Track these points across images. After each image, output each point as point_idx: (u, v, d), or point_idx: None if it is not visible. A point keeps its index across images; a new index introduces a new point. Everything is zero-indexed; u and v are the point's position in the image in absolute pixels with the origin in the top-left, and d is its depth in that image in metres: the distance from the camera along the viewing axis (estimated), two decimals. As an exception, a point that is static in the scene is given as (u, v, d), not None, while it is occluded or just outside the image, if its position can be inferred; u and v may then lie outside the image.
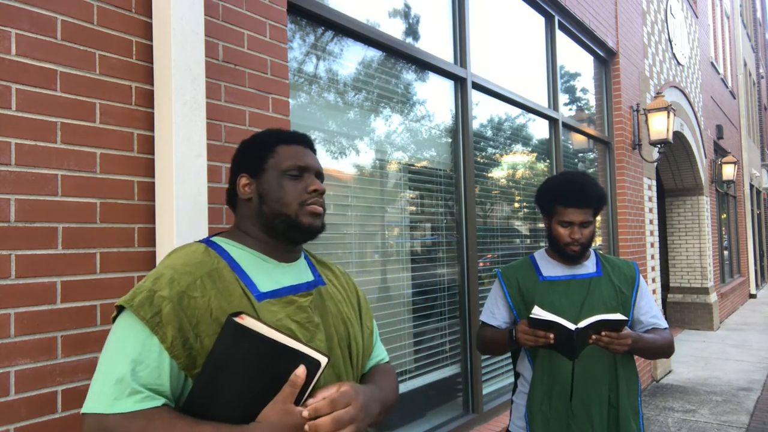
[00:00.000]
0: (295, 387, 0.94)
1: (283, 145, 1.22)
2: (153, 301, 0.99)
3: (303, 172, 1.20)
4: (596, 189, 1.94)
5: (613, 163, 5.68)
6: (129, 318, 1.00)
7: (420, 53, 3.17)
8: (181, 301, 1.00)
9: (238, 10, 1.99)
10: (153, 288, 1.01)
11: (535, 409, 1.92)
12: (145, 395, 0.94)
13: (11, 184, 1.41)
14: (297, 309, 1.13)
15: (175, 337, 0.98)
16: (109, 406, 0.93)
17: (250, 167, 1.21)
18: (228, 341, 0.94)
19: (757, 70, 17.99)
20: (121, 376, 0.94)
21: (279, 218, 1.16)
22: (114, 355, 0.98)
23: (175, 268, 1.05)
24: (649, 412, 5.07)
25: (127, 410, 0.93)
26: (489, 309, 2.09)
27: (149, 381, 0.95)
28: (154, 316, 0.98)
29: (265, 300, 1.10)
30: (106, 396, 0.94)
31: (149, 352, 0.96)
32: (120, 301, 1.01)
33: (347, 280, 1.37)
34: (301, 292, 1.17)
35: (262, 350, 0.93)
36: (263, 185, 1.18)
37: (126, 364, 0.95)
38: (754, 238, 15.02)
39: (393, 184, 3.07)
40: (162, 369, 0.97)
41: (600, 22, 5.36)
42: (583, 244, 1.92)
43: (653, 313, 1.99)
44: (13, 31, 1.43)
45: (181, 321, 0.99)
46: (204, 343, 1.00)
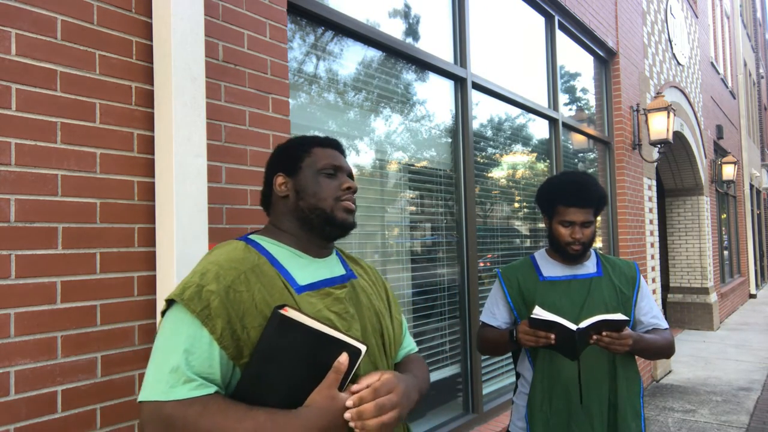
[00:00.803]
0: (339, 373, 1.00)
1: (319, 147, 1.29)
2: (201, 295, 1.04)
3: (337, 172, 1.27)
4: (597, 189, 1.94)
5: (613, 163, 5.68)
6: (179, 311, 1.05)
7: (420, 53, 3.17)
8: (228, 295, 1.06)
9: (238, 10, 1.99)
10: (201, 283, 1.06)
11: (535, 409, 1.91)
12: (199, 383, 1.00)
13: (11, 184, 1.41)
14: (334, 300, 1.19)
15: (224, 329, 1.03)
16: (166, 394, 0.98)
17: (286, 166, 1.27)
18: (274, 332, 1.00)
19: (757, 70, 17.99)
20: (176, 365, 0.99)
21: (315, 212, 1.22)
22: (168, 346, 1.03)
23: (220, 264, 1.10)
24: (649, 412, 5.07)
25: (183, 397, 0.98)
26: (489, 309, 2.08)
27: (202, 370, 1.01)
28: (203, 309, 1.03)
29: (304, 292, 1.16)
30: (163, 384, 0.99)
31: (200, 343, 1.02)
32: (170, 295, 1.07)
33: (375, 275, 1.43)
34: (337, 284, 1.23)
35: (306, 340, 0.99)
36: (300, 182, 1.25)
37: (180, 353, 1.00)
38: (754, 238, 15.02)
39: (393, 184, 3.07)
40: (213, 359, 1.02)
41: (600, 22, 5.36)
42: (584, 243, 1.92)
43: (654, 314, 1.99)
44: (13, 31, 1.43)
45: (228, 314, 1.04)
46: (250, 335, 1.05)
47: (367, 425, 0.99)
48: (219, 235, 1.84)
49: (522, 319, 1.97)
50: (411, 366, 1.32)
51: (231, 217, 1.91)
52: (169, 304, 1.09)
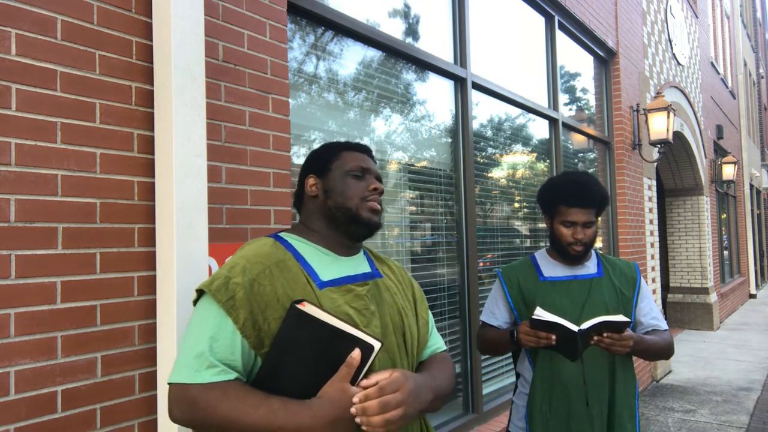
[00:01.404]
0: (350, 368, 1.05)
1: (348, 151, 1.36)
2: (228, 286, 1.12)
3: (365, 174, 1.33)
4: (599, 189, 1.93)
5: (613, 163, 5.68)
6: (207, 301, 1.13)
7: (420, 53, 3.17)
8: (252, 288, 1.12)
9: (238, 10, 1.99)
10: (228, 275, 1.14)
11: (535, 409, 1.91)
12: (221, 369, 1.06)
13: (11, 184, 1.41)
14: (355, 297, 1.24)
15: (247, 319, 1.10)
16: (191, 377, 1.06)
17: (317, 169, 1.34)
18: (291, 325, 1.06)
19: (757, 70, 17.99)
20: (201, 351, 1.07)
21: (341, 210, 1.28)
22: (195, 332, 1.11)
23: (248, 259, 1.18)
24: (649, 412, 5.07)
25: (206, 381, 1.05)
26: (489, 309, 2.08)
27: (224, 356, 1.08)
28: (228, 300, 1.10)
29: (325, 288, 1.21)
30: (189, 368, 1.07)
31: (224, 331, 1.09)
32: (200, 286, 1.15)
33: (402, 275, 1.47)
34: (359, 282, 1.28)
35: (321, 334, 1.05)
36: (329, 182, 1.31)
37: (205, 340, 1.08)
38: (754, 238, 15.02)
39: (393, 184, 3.07)
40: (235, 346, 1.09)
41: (600, 22, 5.36)
42: (585, 244, 1.91)
43: (654, 315, 1.99)
44: (13, 31, 1.43)
45: (251, 305, 1.11)
46: (271, 326, 1.11)
47: (371, 421, 1.03)
48: (219, 235, 1.84)
49: (522, 319, 1.97)
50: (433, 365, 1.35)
51: (231, 217, 1.91)
52: (200, 294, 1.16)
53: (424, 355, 1.39)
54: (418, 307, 1.42)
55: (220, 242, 1.83)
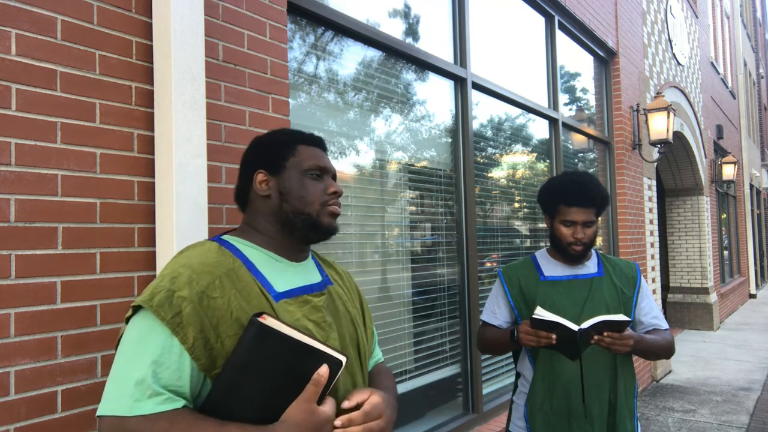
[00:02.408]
0: (318, 386, 0.95)
1: (304, 145, 1.22)
2: (173, 301, 0.98)
3: (323, 174, 1.21)
4: (599, 189, 1.94)
5: (613, 163, 5.68)
6: (148, 318, 0.98)
7: (420, 53, 3.17)
8: (201, 302, 0.99)
9: (238, 10, 1.99)
10: (171, 288, 0.99)
11: (536, 408, 1.91)
12: (166, 397, 0.93)
13: (11, 184, 1.41)
14: (312, 308, 1.14)
15: (197, 338, 0.97)
16: (130, 409, 0.91)
17: (268, 164, 1.20)
18: (251, 342, 0.94)
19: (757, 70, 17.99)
20: (141, 377, 0.93)
21: (300, 217, 1.16)
22: (133, 356, 0.96)
23: (192, 268, 1.03)
24: (649, 412, 5.07)
25: (148, 412, 0.91)
26: (490, 308, 2.08)
27: (170, 382, 0.94)
28: (174, 317, 0.96)
29: (282, 300, 1.10)
30: (126, 398, 0.92)
31: (170, 354, 0.95)
32: (138, 301, 0.99)
33: (349, 281, 1.37)
34: (315, 291, 1.18)
35: (285, 350, 0.94)
36: (284, 183, 1.18)
37: (147, 365, 0.94)
38: (754, 238, 15.02)
39: (393, 184, 3.07)
40: (183, 370, 0.96)
41: (600, 22, 5.36)
42: (585, 243, 1.92)
43: (654, 314, 1.99)
44: (13, 31, 1.43)
45: (202, 322, 0.98)
46: (225, 344, 0.99)
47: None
48: (219, 235, 1.84)
49: (523, 319, 1.97)
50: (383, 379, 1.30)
51: (231, 217, 1.91)
52: (135, 311, 1.01)
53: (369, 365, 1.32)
54: (366, 316, 1.34)
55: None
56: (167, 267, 1.06)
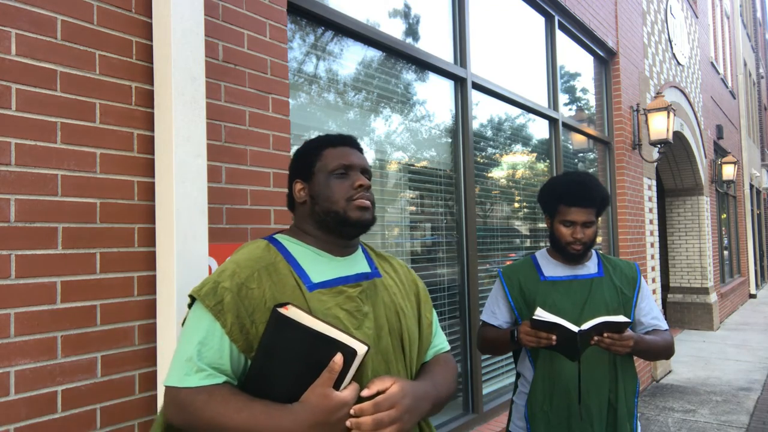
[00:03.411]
0: (332, 373, 1.03)
1: (330, 147, 1.31)
2: (216, 291, 1.12)
3: (348, 170, 1.29)
4: (599, 189, 1.94)
5: (613, 163, 5.68)
6: (198, 306, 1.14)
7: (420, 53, 3.17)
8: (240, 292, 1.13)
9: (238, 10, 1.99)
10: (217, 280, 1.14)
11: (536, 408, 1.91)
12: (209, 373, 1.08)
13: (11, 184, 1.41)
14: (346, 298, 1.22)
15: (234, 323, 1.10)
16: (180, 381, 1.08)
17: (302, 173, 1.32)
18: (272, 330, 1.06)
19: (757, 70, 17.99)
20: (190, 355, 1.09)
21: (329, 215, 1.25)
22: (187, 337, 1.12)
23: (238, 263, 1.18)
24: (649, 412, 5.07)
25: (194, 385, 1.07)
26: (490, 308, 2.08)
27: (212, 360, 1.09)
28: (216, 305, 1.11)
29: (315, 290, 1.19)
30: (179, 372, 1.09)
31: (212, 336, 1.10)
32: (191, 291, 1.15)
33: (406, 274, 1.44)
34: (351, 282, 1.26)
35: (302, 338, 1.03)
36: (314, 187, 1.28)
37: (194, 345, 1.09)
38: (754, 238, 15.02)
39: (393, 184, 3.07)
40: (223, 350, 1.10)
41: (600, 22, 5.36)
42: (585, 243, 1.92)
43: (654, 315, 1.99)
44: (13, 31, 1.43)
45: (239, 309, 1.12)
46: (259, 330, 1.11)
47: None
48: (219, 235, 1.84)
49: (523, 319, 1.97)
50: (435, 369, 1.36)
51: (231, 217, 1.91)
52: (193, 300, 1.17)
53: (428, 355, 1.39)
54: (422, 308, 1.40)
55: (220, 242, 1.83)
56: (224, 263, 1.21)
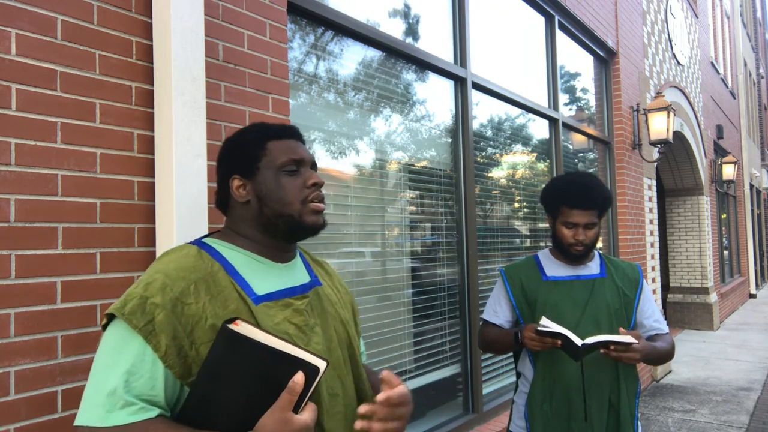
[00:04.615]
0: (293, 394, 0.91)
1: (274, 140, 1.16)
2: (145, 308, 0.96)
3: (299, 166, 1.16)
4: (602, 191, 1.94)
5: (613, 163, 5.68)
6: (120, 326, 0.97)
7: (420, 53, 3.17)
8: (175, 309, 0.97)
9: (238, 10, 1.99)
10: (144, 294, 0.97)
11: (536, 408, 1.92)
12: (139, 407, 0.92)
13: (11, 184, 1.41)
14: (294, 312, 1.10)
15: (169, 346, 0.95)
16: (103, 419, 0.91)
17: (241, 168, 1.15)
18: (223, 349, 0.92)
19: (757, 70, 17.98)
20: (113, 388, 0.92)
21: (281, 219, 1.12)
22: (106, 365, 0.95)
23: (167, 274, 1.01)
24: (649, 412, 5.07)
25: (121, 423, 0.90)
26: (492, 307, 2.09)
27: (143, 392, 0.93)
28: (147, 324, 0.94)
29: (262, 303, 1.06)
30: (99, 408, 0.91)
31: (142, 362, 0.94)
32: (110, 309, 0.98)
33: (339, 280, 1.34)
34: (297, 294, 1.14)
35: (258, 357, 0.92)
36: (260, 186, 1.13)
37: (119, 375, 0.92)
38: (754, 238, 15.02)
39: (393, 184, 3.07)
40: (156, 379, 0.94)
41: (600, 22, 5.36)
42: (586, 245, 1.92)
43: (656, 317, 1.99)
44: (13, 31, 1.43)
45: (175, 329, 0.96)
46: (199, 351, 0.97)
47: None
48: (219, 235, 1.84)
49: (524, 318, 1.98)
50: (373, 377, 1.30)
51: (231, 217, 1.90)
52: (110, 318, 0.99)
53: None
54: (356, 317, 1.31)
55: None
56: (145, 273, 1.04)
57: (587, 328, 1.88)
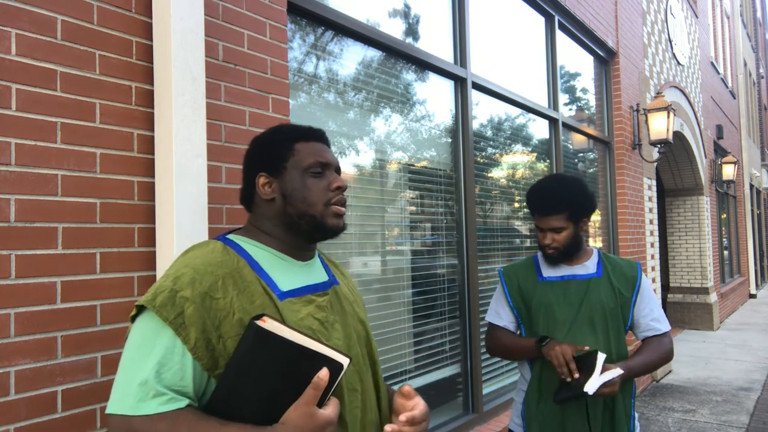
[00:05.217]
0: (317, 389, 0.94)
1: (302, 142, 1.20)
2: (175, 301, 0.98)
3: (324, 169, 1.19)
4: (566, 194, 1.90)
5: (613, 163, 5.68)
6: (151, 318, 0.99)
7: (420, 53, 3.17)
8: (204, 303, 1.00)
9: (238, 10, 1.99)
10: (174, 288, 1.00)
11: (532, 407, 1.93)
12: (169, 397, 0.94)
13: (11, 184, 1.41)
14: (316, 308, 1.14)
15: (198, 339, 0.97)
16: (134, 408, 0.93)
17: (268, 166, 1.18)
18: (250, 344, 0.95)
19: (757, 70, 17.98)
20: (145, 378, 0.94)
21: (304, 218, 1.15)
22: (138, 356, 0.97)
23: (195, 268, 1.03)
24: (649, 412, 5.07)
25: (151, 412, 0.93)
26: (494, 309, 2.10)
27: (173, 382, 0.96)
28: (177, 317, 0.97)
29: (286, 299, 1.10)
30: (131, 397, 0.94)
31: (173, 354, 0.96)
32: (141, 301, 1.00)
33: (353, 283, 1.39)
34: (318, 291, 1.17)
35: (284, 353, 0.94)
36: (286, 185, 1.16)
37: (150, 366, 0.95)
38: (754, 238, 15.02)
39: (393, 184, 3.07)
40: (185, 370, 0.97)
41: (600, 22, 5.36)
42: (557, 248, 1.93)
43: (654, 316, 1.97)
44: (13, 31, 1.43)
45: (204, 322, 0.98)
46: (227, 345, 0.99)
47: None
48: (219, 235, 1.84)
49: (522, 319, 1.99)
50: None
51: (231, 217, 1.91)
52: (140, 310, 1.02)
53: None
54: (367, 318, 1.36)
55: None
56: (171, 267, 1.06)
57: (582, 328, 1.88)
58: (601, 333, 1.89)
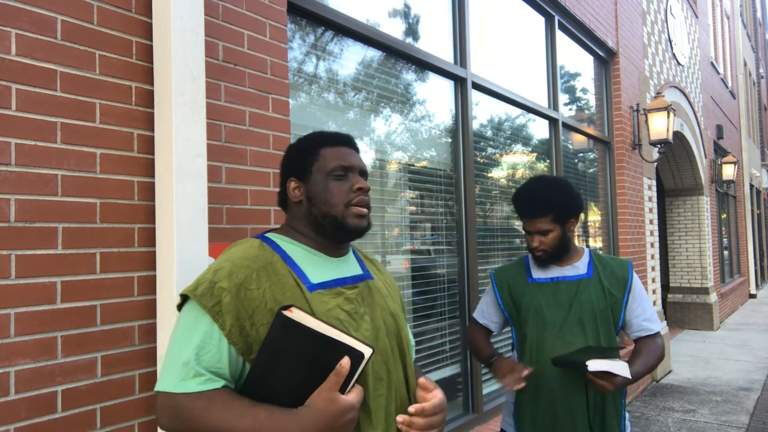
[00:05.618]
0: (339, 376, 1.02)
1: (327, 147, 1.28)
2: (214, 291, 1.09)
3: (347, 172, 1.26)
4: (549, 197, 1.89)
5: (613, 163, 5.68)
6: (193, 306, 1.10)
7: (420, 53, 3.17)
8: (239, 293, 1.10)
9: (238, 10, 1.99)
10: (213, 279, 1.10)
11: (523, 407, 1.95)
12: (207, 378, 1.04)
13: (11, 184, 1.41)
14: (345, 300, 1.21)
15: (233, 325, 1.07)
16: (176, 386, 1.04)
17: (297, 171, 1.28)
18: (278, 333, 1.04)
19: (757, 70, 17.98)
20: (186, 359, 1.05)
21: (327, 219, 1.23)
22: (182, 340, 1.08)
23: (234, 262, 1.14)
24: (649, 412, 5.07)
25: (191, 390, 1.03)
26: (481, 308, 2.15)
27: (211, 364, 1.05)
28: (215, 306, 1.07)
29: (316, 291, 1.18)
30: (175, 377, 1.05)
31: (211, 338, 1.07)
32: (184, 291, 1.11)
33: (390, 279, 1.46)
34: (348, 284, 1.25)
35: (308, 342, 1.02)
36: (311, 187, 1.26)
37: (191, 349, 1.05)
38: (754, 238, 15.02)
39: (393, 184, 3.07)
40: (222, 354, 1.06)
41: (600, 22, 5.36)
42: (545, 250, 1.93)
43: (646, 316, 1.96)
44: (13, 31, 1.43)
45: (238, 310, 1.08)
46: (259, 332, 1.09)
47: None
48: (219, 235, 1.84)
49: (513, 321, 2.04)
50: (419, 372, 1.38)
51: (231, 217, 1.91)
52: (184, 299, 1.13)
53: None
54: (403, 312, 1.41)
55: (220, 242, 1.83)
56: (215, 261, 1.18)
57: (572, 329, 1.88)
58: (591, 334, 1.88)
